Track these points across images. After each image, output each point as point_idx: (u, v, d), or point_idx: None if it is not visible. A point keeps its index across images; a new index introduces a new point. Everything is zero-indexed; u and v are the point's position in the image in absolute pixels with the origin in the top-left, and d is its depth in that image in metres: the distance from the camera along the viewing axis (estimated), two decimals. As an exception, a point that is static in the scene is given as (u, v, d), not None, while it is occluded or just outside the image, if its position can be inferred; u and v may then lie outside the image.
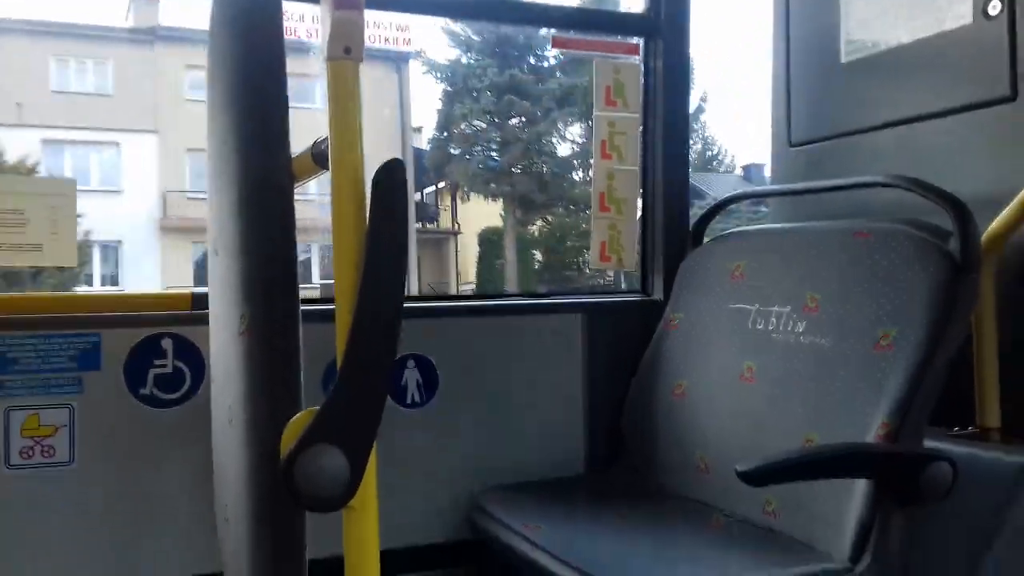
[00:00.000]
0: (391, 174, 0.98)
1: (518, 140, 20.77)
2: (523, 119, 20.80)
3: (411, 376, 1.94)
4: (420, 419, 1.95)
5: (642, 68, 2.21)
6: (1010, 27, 1.66)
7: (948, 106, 1.79)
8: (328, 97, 0.99)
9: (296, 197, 1.12)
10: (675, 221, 2.23)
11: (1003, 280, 1.59)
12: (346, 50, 0.97)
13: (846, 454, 1.40)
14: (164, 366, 1.74)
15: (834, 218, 1.83)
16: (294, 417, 0.97)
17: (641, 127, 2.23)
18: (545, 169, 21.52)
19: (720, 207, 2.14)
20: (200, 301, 1.72)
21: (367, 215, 0.98)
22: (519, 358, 2.06)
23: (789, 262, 1.77)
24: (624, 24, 2.28)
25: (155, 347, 1.73)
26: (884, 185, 1.62)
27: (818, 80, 2.14)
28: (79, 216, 1.74)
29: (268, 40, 1.09)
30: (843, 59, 2.07)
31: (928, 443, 1.47)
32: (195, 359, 1.75)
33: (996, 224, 1.57)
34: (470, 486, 1.92)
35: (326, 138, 1.02)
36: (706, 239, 2.09)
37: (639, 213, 2.25)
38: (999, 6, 1.69)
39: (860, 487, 1.40)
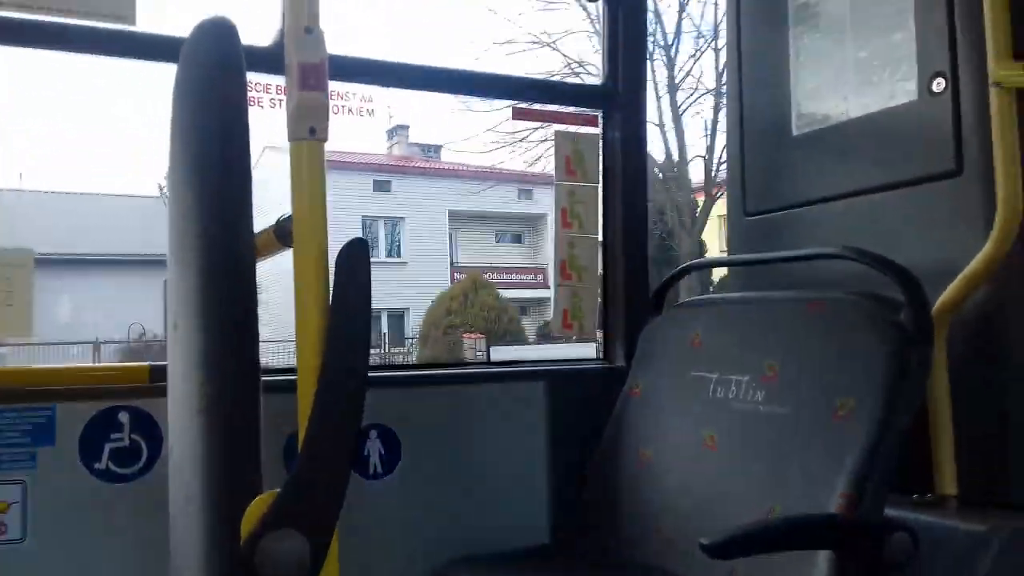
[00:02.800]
0: (354, 251, 0.98)
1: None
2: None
3: (373, 447, 1.92)
4: (382, 491, 1.92)
5: (601, 139, 2.26)
6: (954, 104, 1.72)
7: (897, 179, 1.84)
8: (292, 176, 1.00)
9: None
10: (636, 288, 2.26)
11: (955, 349, 1.63)
12: (311, 130, 0.99)
13: (808, 526, 1.41)
14: (120, 440, 1.70)
15: (790, 287, 1.87)
16: (255, 499, 0.95)
17: (601, 196, 2.26)
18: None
19: (679, 276, 2.17)
20: (158, 373, 1.69)
21: (330, 292, 0.98)
22: (482, 427, 2.05)
23: (747, 331, 1.80)
24: (583, 96, 2.34)
25: (112, 420, 1.70)
26: (837, 257, 1.66)
27: (771, 152, 2.20)
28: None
29: (231, 113, 1.10)
30: (794, 132, 2.12)
31: (888, 510, 1.49)
32: (153, 433, 1.72)
33: (946, 295, 1.61)
34: (433, 558, 1.89)
35: (290, 216, 1.03)
36: (665, 307, 2.11)
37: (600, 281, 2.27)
38: (943, 83, 1.76)
39: (823, 556, 1.40)
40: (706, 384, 1.80)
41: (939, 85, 1.76)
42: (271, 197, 2.35)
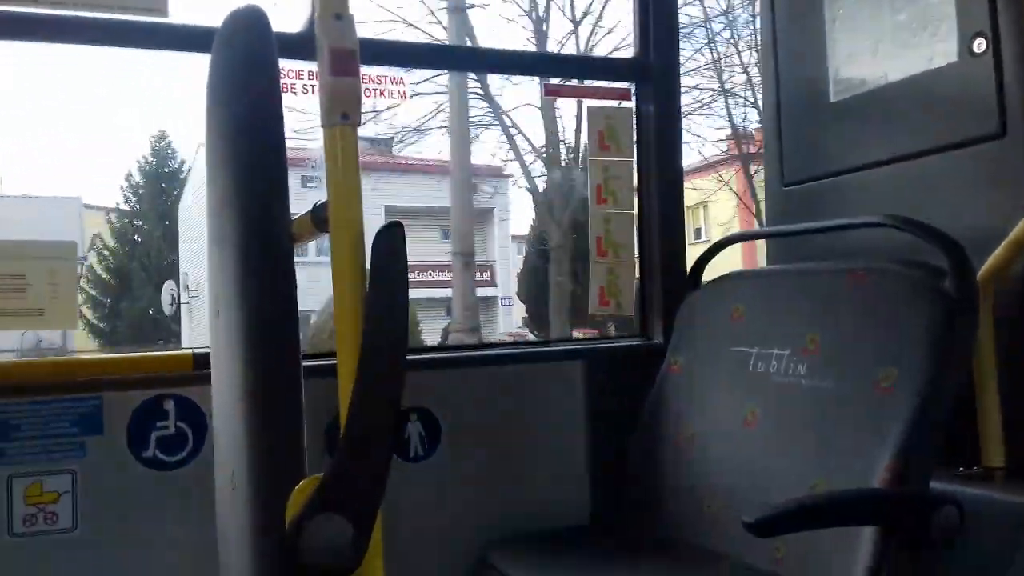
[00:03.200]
0: (391, 236, 0.99)
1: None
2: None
3: (413, 430, 1.93)
4: (423, 473, 1.93)
5: (634, 113, 2.24)
6: (996, 64, 1.68)
7: (938, 144, 1.81)
8: (326, 162, 1.00)
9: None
10: (672, 263, 2.24)
11: (1001, 317, 1.59)
12: (344, 115, 0.99)
13: (852, 501, 1.39)
14: (166, 428, 1.73)
15: (829, 258, 1.84)
16: (299, 484, 0.96)
17: (636, 171, 2.24)
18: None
19: (717, 249, 2.15)
20: (202, 361, 1.72)
21: (367, 276, 0.99)
22: (520, 407, 2.05)
23: (787, 304, 1.78)
24: (615, 70, 2.31)
25: (157, 409, 1.73)
26: (879, 225, 1.63)
27: (808, 120, 2.16)
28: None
29: (266, 100, 1.10)
30: (832, 99, 2.09)
31: (934, 484, 1.47)
32: (198, 420, 1.74)
33: (991, 261, 1.57)
34: (474, 539, 1.90)
35: (325, 202, 1.03)
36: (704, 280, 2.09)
37: (636, 256, 2.26)
38: (984, 44, 1.71)
39: (868, 532, 1.39)
40: (746, 359, 1.79)
41: (980, 46, 1.72)
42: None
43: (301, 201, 1.12)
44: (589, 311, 2.25)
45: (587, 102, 2.21)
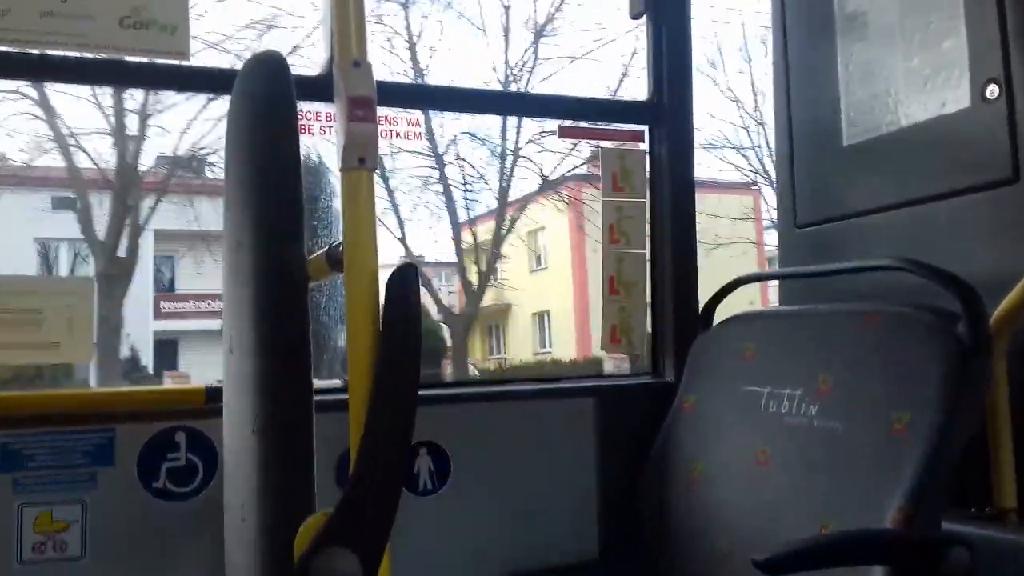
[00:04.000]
0: (404, 277, 1.00)
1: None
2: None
3: (423, 464, 1.94)
4: (432, 507, 1.93)
5: (647, 154, 2.26)
6: (1009, 110, 1.70)
7: (951, 188, 1.81)
8: (343, 203, 1.02)
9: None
10: (685, 302, 2.25)
11: (1014, 360, 1.59)
12: (360, 160, 1.01)
13: (863, 541, 1.39)
14: (177, 459, 1.74)
15: (842, 299, 1.84)
16: (308, 519, 0.97)
17: (648, 211, 2.26)
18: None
19: (729, 289, 2.15)
20: (214, 395, 1.73)
21: (380, 318, 1.00)
22: (531, 443, 2.05)
23: (799, 344, 1.78)
24: (628, 113, 2.33)
25: (168, 441, 1.74)
26: (891, 269, 1.64)
27: (821, 162, 2.18)
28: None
29: (283, 141, 1.13)
30: (845, 142, 2.10)
31: (945, 525, 1.46)
32: (208, 453, 1.76)
33: (1004, 305, 1.58)
34: (484, 574, 1.89)
35: (340, 242, 1.05)
36: (715, 320, 2.09)
37: (648, 296, 2.27)
38: (996, 90, 1.73)
39: (878, 573, 1.38)
40: (758, 398, 1.78)
41: (992, 92, 1.73)
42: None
43: (50, 221, 1.09)
44: (600, 348, 2.26)
45: (602, 143, 2.23)
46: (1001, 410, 1.58)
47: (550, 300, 17.75)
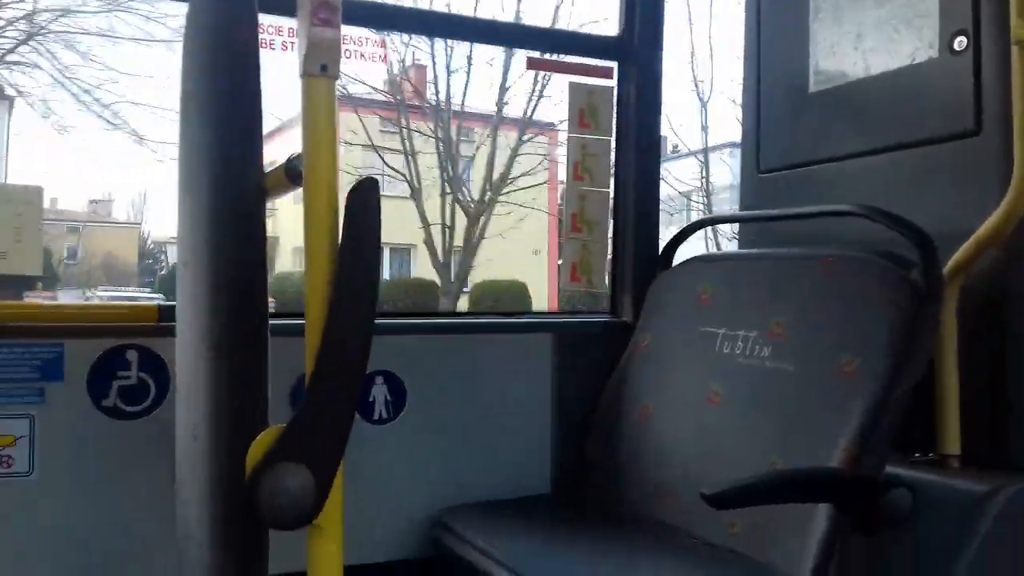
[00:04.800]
0: (364, 193, 0.98)
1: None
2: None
3: (379, 393, 1.93)
4: (387, 436, 1.94)
5: (615, 91, 2.24)
6: (975, 62, 1.70)
7: (914, 138, 1.82)
8: (302, 113, 0.99)
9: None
10: (645, 243, 2.26)
11: (965, 309, 1.62)
12: (323, 67, 0.98)
13: (808, 479, 1.42)
14: (128, 378, 1.72)
15: (801, 245, 1.86)
16: (260, 434, 0.96)
17: (613, 150, 2.25)
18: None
19: (690, 231, 2.16)
20: (167, 313, 1.71)
21: (340, 232, 0.98)
22: (488, 377, 2.06)
23: (756, 287, 1.79)
24: (598, 47, 2.30)
25: (120, 359, 1.71)
26: (850, 214, 1.65)
27: (787, 109, 2.17)
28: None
29: (243, 52, 1.09)
30: (811, 89, 2.10)
31: (889, 469, 1.50)
32: (160, 372, 1.73)
33: (958, 255, 1.60)
34: (435, 504, 1.91)
35: (300, 154, 1.02)
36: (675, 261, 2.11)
37: (610, 235, 2.27)
38: (964, 41, 1.73)
39: (822, 511, 1.42)
40: (713, 339, 1.80)
41: (960, 44, 1.74)
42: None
43: None
44: (560, 286, 2.26)
45: (568, 78, 2.20)
46: (948, 357, 1.61)
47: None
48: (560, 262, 2.28)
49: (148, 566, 1.71)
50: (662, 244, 2.24)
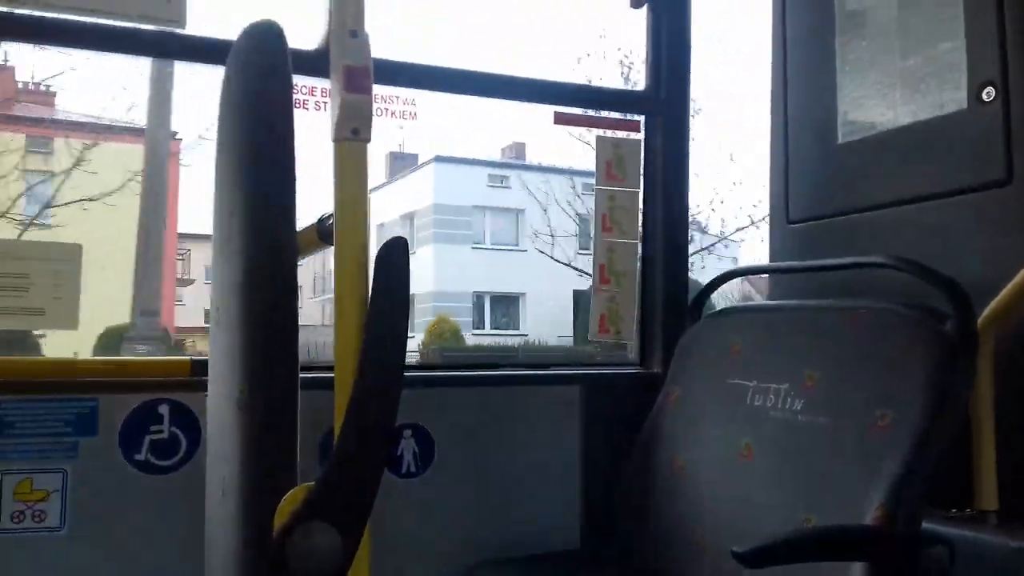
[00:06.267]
0: (393, 252, 0.99)
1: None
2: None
3: (407, 446, 1.93)
4: (415, 490, 1.93)
5: (643, 144, 2.25)
6: (1004, 112, 1.70)
7: (944, 188, 1.82)
8: (334, 175, 1.01)
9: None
10: (674, 295, 2.25)
11: (1000, 362, 1.60)
12: (354, 131, 1.00)
13: (843, 536, 1.39)
14: (160, 432, 1.73)
15: (831, 296, 1.84)
16: (289, 492, 0.96)
17: (642, 201, 2.26)
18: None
19: (719, 282, 2.16)
20: (199, 368, 1.72)
21: (369, 291, 1.00)
22: (516, 430, 2.05)
23: (787, 339, 1.78)
24: (625, 101, 2.33)
25: (152, 413, 1.73)
26: (883, 266, 1.64)
27: (815, 159, 2.18)
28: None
29: (277, 113, 1.11)
30: (840, 139, 2.10)
31: (926, 524, 1.46)
32: (192, 426, 1.75)
33: (993, 306, 1.58)
34: (463, 559, 1.89)
35: (331, 214, 1.04)
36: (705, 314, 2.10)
37: (638, 287, 2.27)
38: (993, 92, 1.73)
39: (857, 569, 1.38)
40: (744, 392, 1.79)
41: (989, 94, 1.74)
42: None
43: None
44: (588, 338, 2.26)
45: (596, 132, 2.22)
46: (985, 411, 1.58)
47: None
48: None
49: None
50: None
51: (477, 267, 21.11)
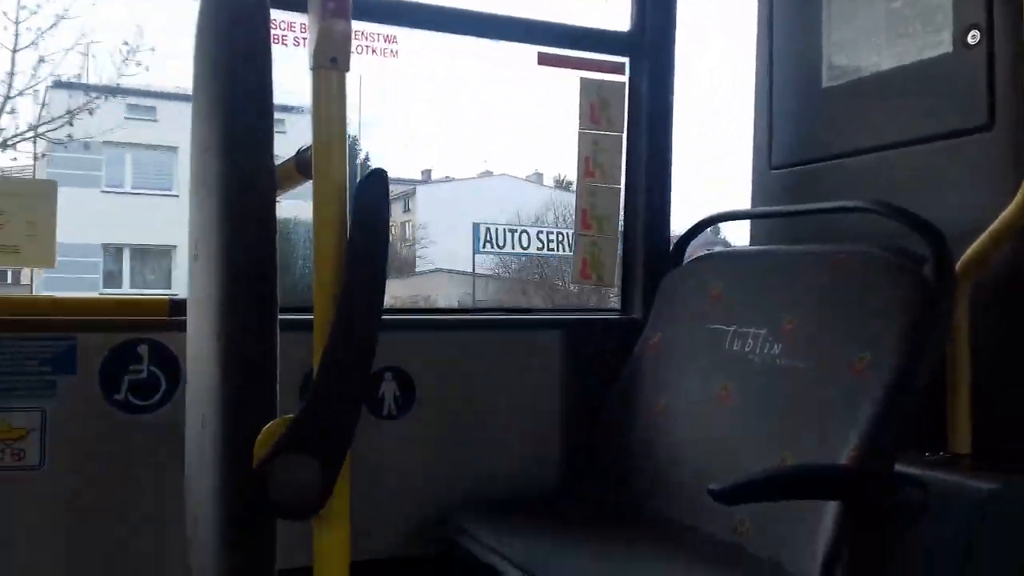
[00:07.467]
0: (374, 185, 0.98)
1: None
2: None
3: (388, 389, 1.94)
4: (396, 432, 1.94)
5: (627, 87, 2.23)
6: (988, 56, 1.69)
7: (927, 133, 1.81)
8: (312, 106, 0.99)
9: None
10: (656, 240, 2.25)
11: (978, 306, 1.61)
12: (332, 60, 0.98)
13: (818, 475, 1.41)
14: (139, 372, 1.73)
15: (812, 241, 1.85)
16: (268, 425, 0.96)
17: (625, 145, 2.24)
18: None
19: (701, 227, 2.15)
20: (178, 307, 1.71)
21: (348, 224, 0.99)
22: (497, 373, 2.05)
23: (767, 284, 1.79)
24: (610, 43, 2.29)
25: (131, 352, 1.72)
26: (862, 210, 1.64)
27: (799, 104, 2.16)
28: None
29: (255, 47, 1.09)
30: (824, 84, 2.09)
31: (899, 467, 1.49)
32: (171, 366, 1.74)
33: (971, 251, 1.59)
34: (444, 500, 1.91)
35: (310, 147, 1.02)
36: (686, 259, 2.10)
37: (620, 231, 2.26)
38: (978, 35, 1.72)
39: (831, 509, 1.41)
40: (723, 337, 1.80)
41: (974, 37, 1.72)
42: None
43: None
44: (570, 282, 2.26)
45: (579, 73, 2.19)
46: (961, 354, 1.60)
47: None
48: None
49: (158, 558, 1.72)
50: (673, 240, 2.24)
51: (113, 215, 15.66)
